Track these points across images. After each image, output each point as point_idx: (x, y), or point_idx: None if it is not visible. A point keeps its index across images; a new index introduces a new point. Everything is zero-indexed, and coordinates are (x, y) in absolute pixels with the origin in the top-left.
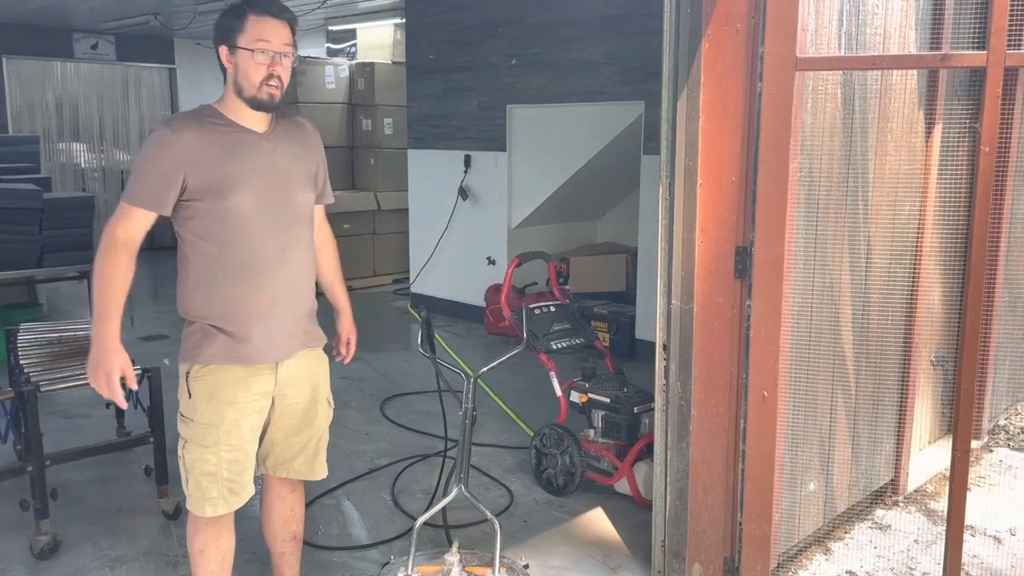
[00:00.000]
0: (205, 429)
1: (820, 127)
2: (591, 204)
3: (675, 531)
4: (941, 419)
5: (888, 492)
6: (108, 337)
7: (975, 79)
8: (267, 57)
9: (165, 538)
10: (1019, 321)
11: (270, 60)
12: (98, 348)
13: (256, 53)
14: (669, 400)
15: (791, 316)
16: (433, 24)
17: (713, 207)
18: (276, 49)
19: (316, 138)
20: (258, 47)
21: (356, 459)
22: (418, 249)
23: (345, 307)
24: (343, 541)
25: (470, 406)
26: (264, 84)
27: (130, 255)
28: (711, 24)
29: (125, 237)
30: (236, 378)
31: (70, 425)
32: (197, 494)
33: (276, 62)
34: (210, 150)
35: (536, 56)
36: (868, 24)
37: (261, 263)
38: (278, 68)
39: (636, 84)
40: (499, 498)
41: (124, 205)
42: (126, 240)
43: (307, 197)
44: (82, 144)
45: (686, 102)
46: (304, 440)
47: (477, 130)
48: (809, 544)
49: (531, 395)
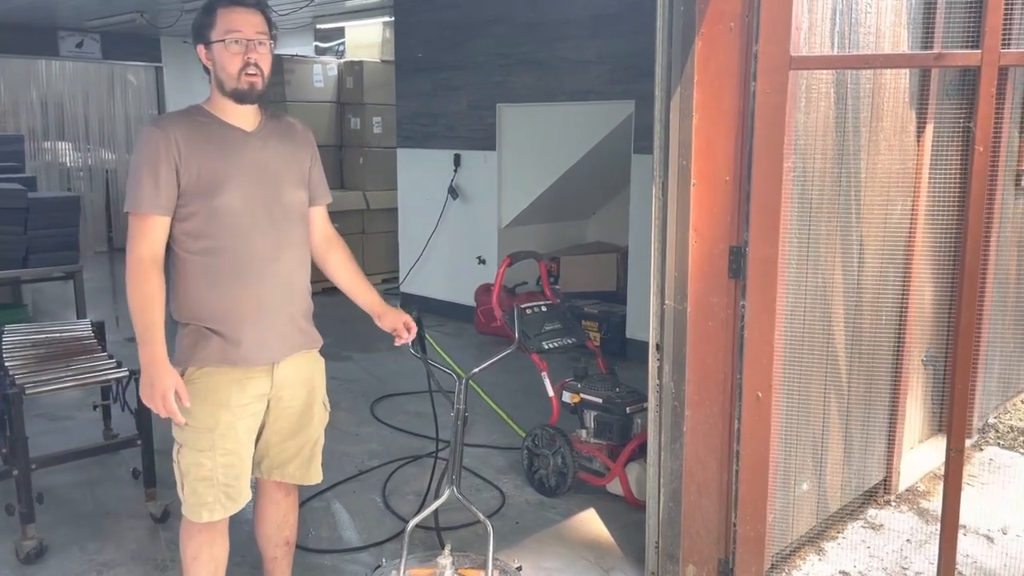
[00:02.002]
0: (200, 433)
1: (813, 126)
2: (581, 203)
3: (669, 532)
4: (931, 418)
5: (880, 491)
6: (157, 359)
7: (965, 78)
8: (241, 46)
9: (153, 542)
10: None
11: (244, 49)
12: (149, 370)
13: (228, 43)
14: (662, 401)
15: (784, 316)
16: (422, 23)
17: (707, 207)
18: (249, 36)
19: (308, 137)
20: (230, 37)
21: (346, 460)
22: (407, 249)
23: (379, 306)
24: (334, 544)
25: (462, 407)
26: (242, 73)
27: (159, 272)
28: (705, 22)
29: (150, 253)
30: (231, 380)
31: (56, 427)
32: (193, 499)
33: (251, 49)
34: (199, 147)
35: (526, 55)
36: (861, 23)
37: (254, 263)
38: (254, 55)
39: (626, 83)
40: (491, 499)
41: (135, 218)
42: (152, 256)
43: (299, 196)
44: (67, 143)
45: (679, 101)
46: (299, 444)
47: (467, 129)
48: (802, 544)
49: (522, 395)
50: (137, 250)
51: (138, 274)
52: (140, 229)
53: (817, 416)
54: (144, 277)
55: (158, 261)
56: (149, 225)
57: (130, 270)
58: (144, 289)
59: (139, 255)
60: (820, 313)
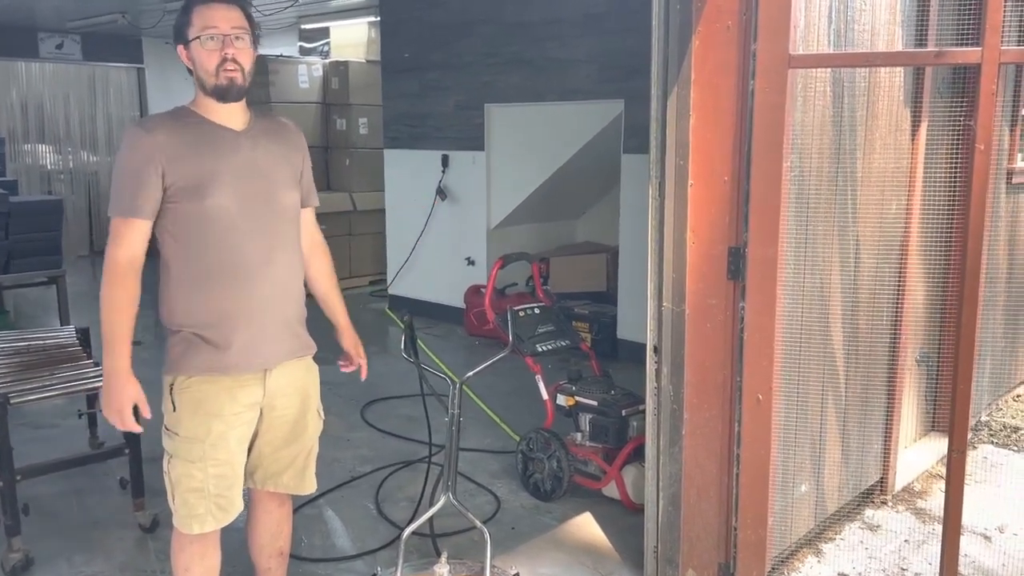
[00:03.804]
0: (191, 443)
1: (810, 125)
2: (571, 203)
3: (668, 537)
4: (925, 416)
5: (877, 491)
6: (117, 369)
7: (958, 76)
8: (217, 42)
9: (142, 552)
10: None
11: (221, 44)
12: (108, 381)
13: (204, 40)
14: (661, 404)
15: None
16: (409, 22)
17: (704, 207)
18: (225, 32)
19: (300, 138)
20: (205, 33)
21: (338, 466)
22: (395, 250)
23: (344, 320)
24: (327, 552)
25: (456, 411)
26: (220, 70)
27: (136, 277)
28: (702, 21)
29: (128, 257)
30: (222, 389)
31: (40, 436)
32: (184, 511)
33: (228, 45)
34: (186, 147)
35: (514, 55)
36: (856, 21)
37: (247, 266)
38: (231, 50)
39: (616, 82)
40: (486, 504)
41: (116, 221)
42: (130, 260)
43: (292, 196)
44: (48, 145)
45: (676, 101)
46: (293, 453)
47: (455, 129)
48: (801, 546)
49: (515, 398)
50: (114, 253)
51: (113, 277)
52: (120, 232)
53: (815, 417)
54: (118, 281)
55: (136, 266)
56: (130, 228)
57: (106, 273)
58: (116, 294)
59: (116, 258)
60: (818, 313)
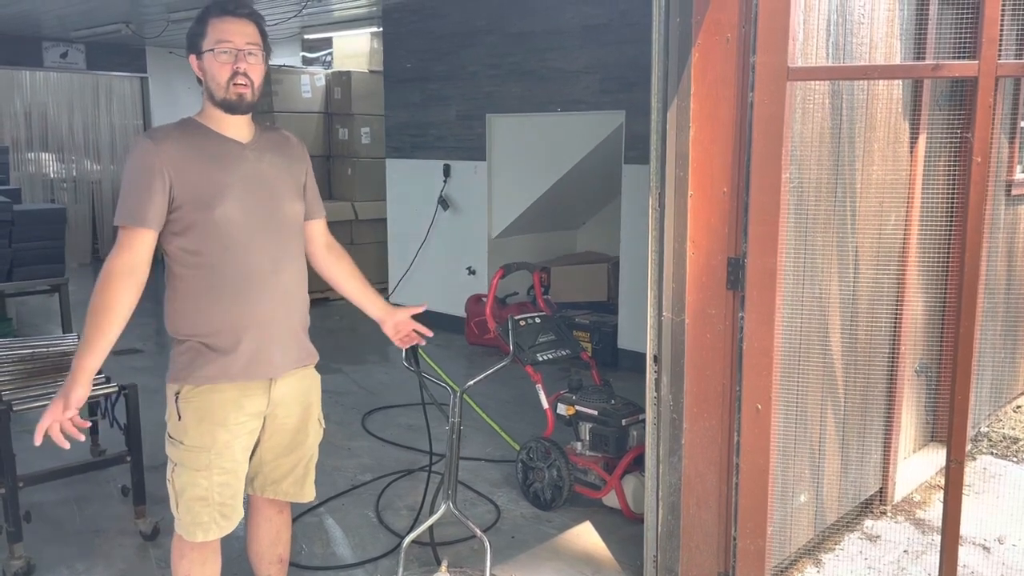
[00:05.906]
0: (197, 452)
1: (809, 136)
2: (571, 213)
3: (668, 546)
4: (924, 427)
5: (876, 502)
6: (83, 368)
7: (956, 89)
8: (230, 56)
9: (143, 560)
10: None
11: (233, 58)
12: (74, 376)
13: (217, 52)
14: (660, 413)
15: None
16: (411, 33)
17: (704, 218)
18: (239, 46)
19: (302, 150)
20: (219, 47)
21: (338, 475)
22: (397, 259)
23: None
24: (327, 560)
25: (457, 420)
26: (231, 83)
27: (133, 285)
28: (701, 33)
29: (127, 264)
30: (228, 399)
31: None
32: (187, 519)
33: (240, 59)
34: (193, 159)
35: (516, 65)
36: (854, 34)
37: (254, 276)
38: (243, 65)
39: (616, 93)
40: (486, 513)
41: (123, 230)
42: (129, 267)
43: (296, 208)
44: (51, 154)
45: (676, 112)
46: (294, 461)
47: (456, 139)
48: (800, 556)
49: (515, 407)
50: (114, 259)
51: (105, 280)
52: (124, 240)
53: (815, 427)
54: (110, 285)
55: (136, 274)
56: (134, 237)
57: (101, 275)
58: (105, 296)
59: (113, 264)
60: (817, 323)
